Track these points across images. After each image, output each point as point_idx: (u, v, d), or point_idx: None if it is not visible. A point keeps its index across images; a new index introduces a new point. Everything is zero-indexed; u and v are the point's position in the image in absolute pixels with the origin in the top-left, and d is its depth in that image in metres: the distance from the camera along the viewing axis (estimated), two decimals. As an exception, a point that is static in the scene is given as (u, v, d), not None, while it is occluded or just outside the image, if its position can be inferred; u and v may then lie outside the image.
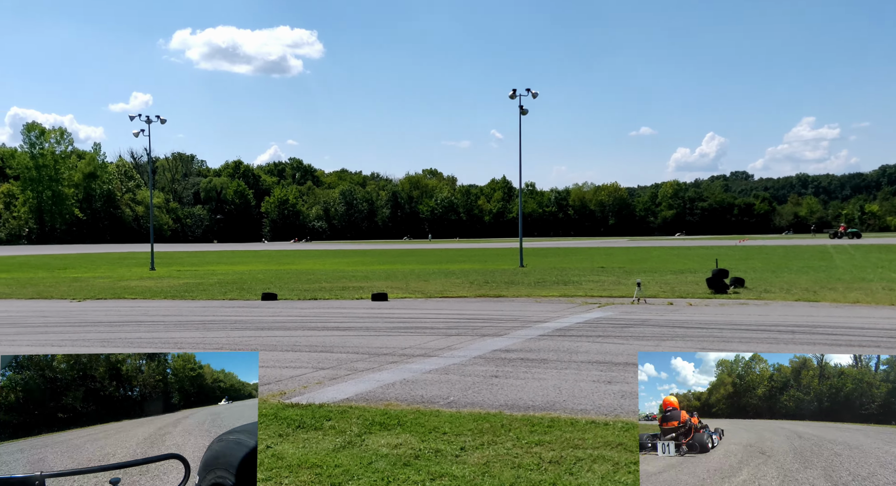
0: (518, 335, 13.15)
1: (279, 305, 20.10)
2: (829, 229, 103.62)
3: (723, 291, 21.01)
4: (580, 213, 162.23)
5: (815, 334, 12.85)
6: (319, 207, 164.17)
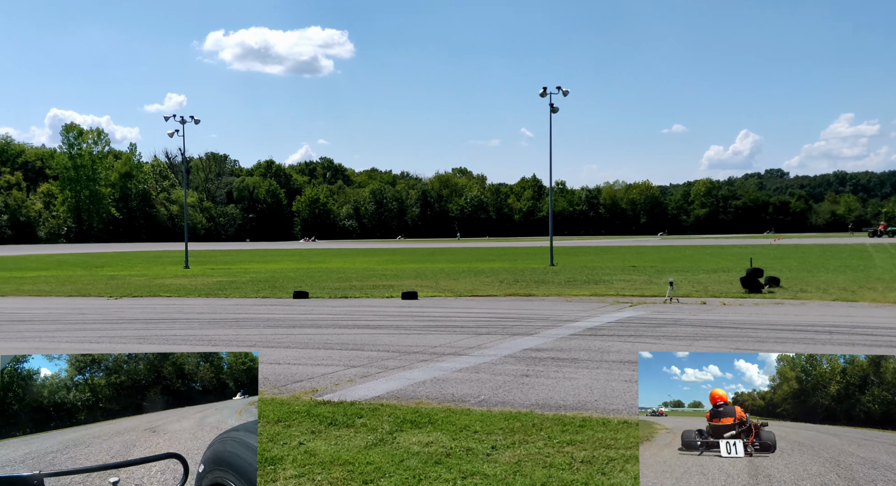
0: (548, 334, 13.09)
1: (311, 303, 20.27)
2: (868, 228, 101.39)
3: (757, 290, 20.68)
4: (611, 211, 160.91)
5: (855, 334, 12.59)
6: (350, 206, 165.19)
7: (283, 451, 5.96)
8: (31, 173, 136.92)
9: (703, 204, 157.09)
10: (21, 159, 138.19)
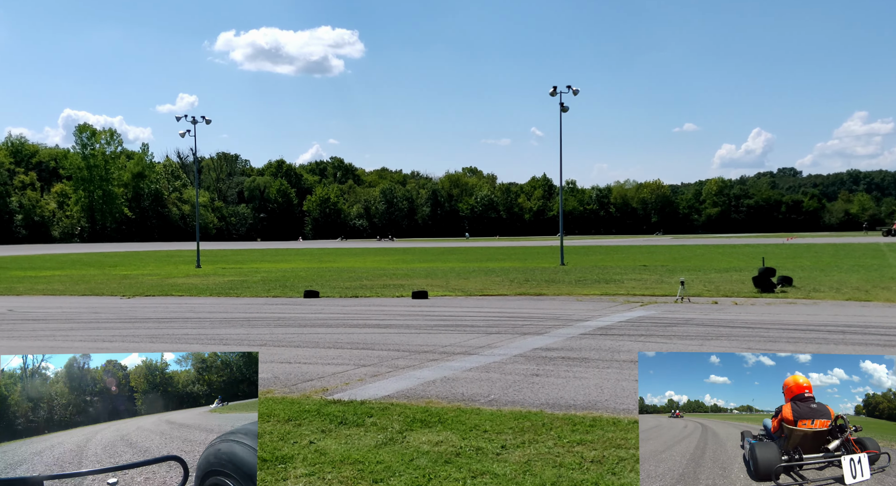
0: (559, 334, 13.07)
1: (321, 302, 20.32)
2: (882, 227, 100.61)
3: (770, 290, 20.56)
4: (622, 211, 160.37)
5: (868, 334, 12.50)
6: (360, 205, 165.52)
7: (294, 450, 5.98)
8: (44, 173, 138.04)
9: (715, 203, 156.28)
10: (35, 160, 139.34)
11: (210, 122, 46.34)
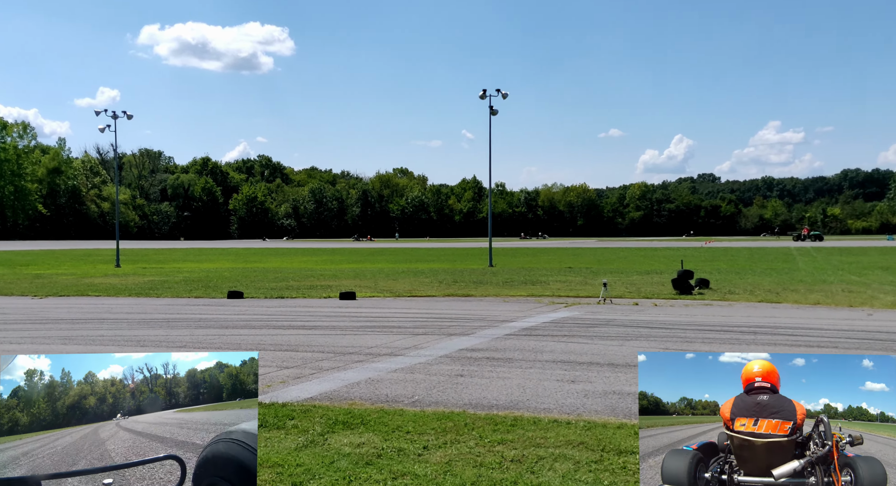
0: (485, 334, 13.20)
1: (245, 303, 19.91)
2: (792, 232, 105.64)
3: (688, 292, 21.29)
4: (549, 213, 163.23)
5: (777, 334, 13.09)
6: (288, 205, 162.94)
7: (211, 454, 5.83)
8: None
9: (638, 207, 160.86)
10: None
11: (132, 117, 44.75)
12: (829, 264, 36.72)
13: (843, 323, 14.60)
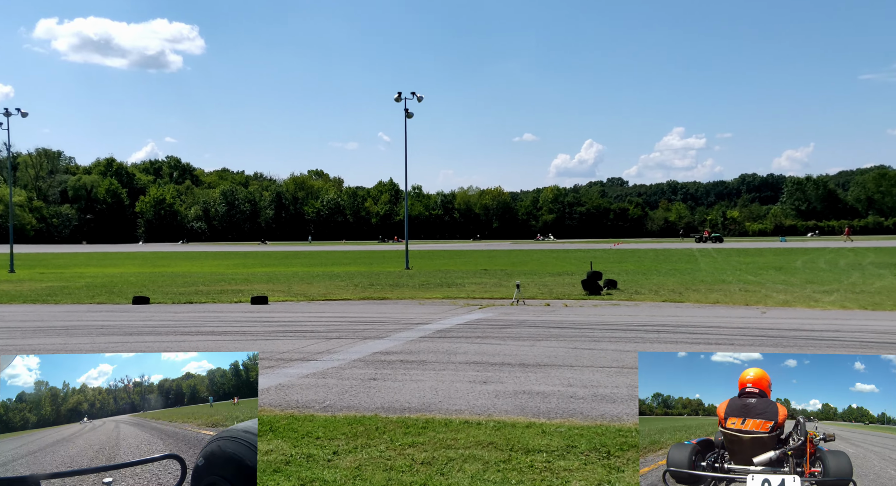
0: (399, 337, 13.20)
1: (151, 309, 19.19)
2: (695, 234, 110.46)
3: (597, 292, 21.94)
4: (465, 216, 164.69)
5: (678, 333, 13.66)
6: (199, 207, 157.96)
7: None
8: None
9: (551, 210, 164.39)
10: None
11: (27, 114, 42.37)
12: (728, 264, 38.59)
13: (739, 321, 15.39)
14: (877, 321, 15.04)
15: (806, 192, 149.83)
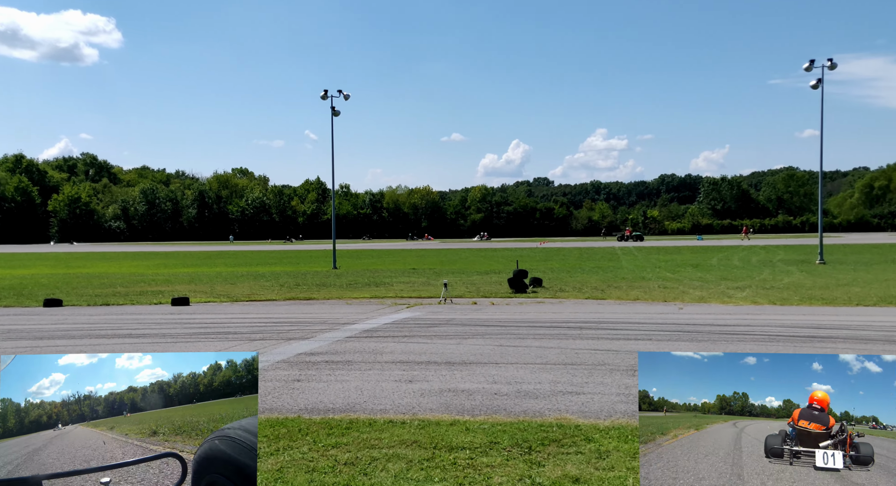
0: (325, 338, 13.08)
1: (64, 311, 18.39)
2: (617, 232, 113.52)
3: (523, 290, 22.28)
4: (394, 215, 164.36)
5: (600, 329, 14.02)
6: (117, 206, 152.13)
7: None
8: None
9: (479, 209, 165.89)
10: None
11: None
12: (648, 262, 39.83)
13: (658, 317, 15.91)
14: (784, 316, 15.82)
15: (721, 192, 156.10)
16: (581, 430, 6.67)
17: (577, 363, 10.30)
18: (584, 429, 6.70)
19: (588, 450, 6.05)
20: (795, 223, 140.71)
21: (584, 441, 6.30)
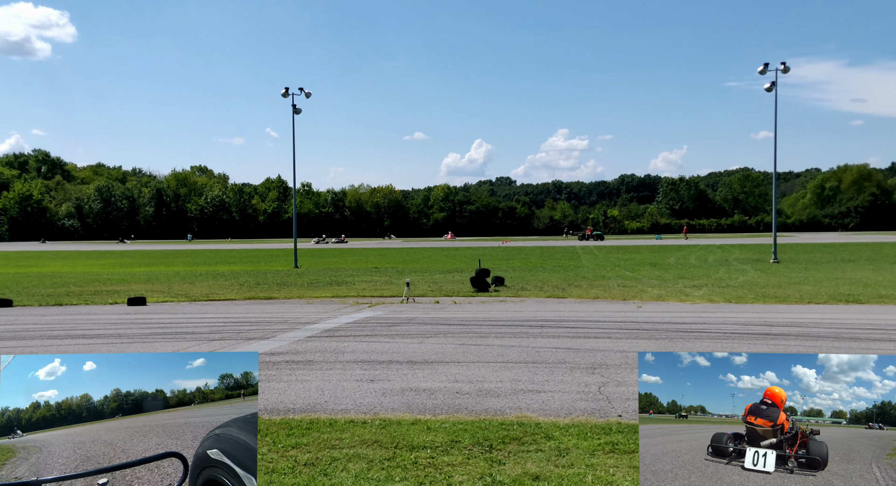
0: (285, 338, 12.96)
1: (14, 312, 17.89)
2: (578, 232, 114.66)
3: (485, 289, 22.37)
4: (357, 214, 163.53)
5: (561, 327, 14.16)
6: (71, 204, 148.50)
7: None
8: None
9: (442, 208, 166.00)
10: None
11: None
12: (608, 261, 40.32)
13: (617, 315, 16.13)
14: (739, 314, 16.16)
15: (679, 192, 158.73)
16: (541, 428, 6.73)
17: (538, 362, 10.38)
18: (544, 427, 6.76)
19: (548, 448, 6.11)
20: (751, 223, 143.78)
21: (545, 439, 6.36)
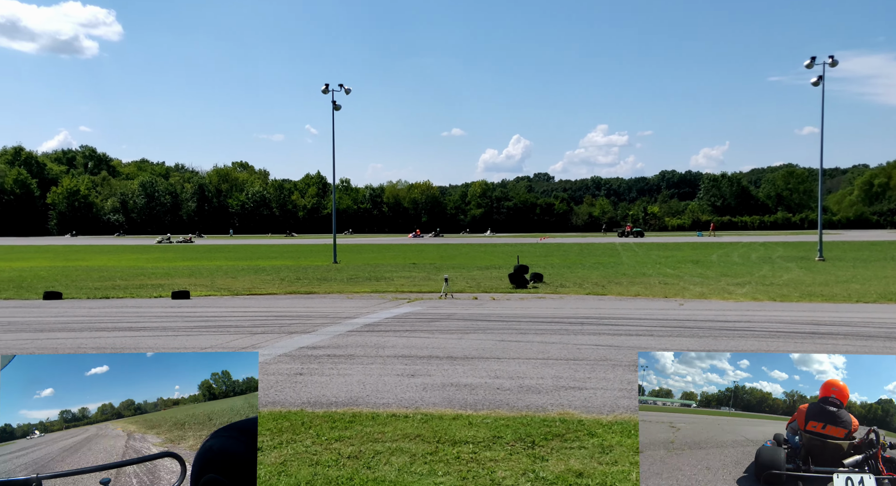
0: (326, 332, 13.07)
1: (64, 304, 18.38)
2: (617, 228, 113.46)
3: (523, 285, 22.27)
4: (394, 210, 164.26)
5: (601, 324, 14.02)
6: (116, 199, 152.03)
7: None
8: None
9: (479, 205, 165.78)
10: None
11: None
12: (648, 258, 39.81)
13: (658, 313, 15.91)
14: (784, 312, 15.81)
15: (721, 188, 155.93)
16: (584, 425, 6.67)
17: (579, 359, 10.29)
18: (586, 424, 6.70)
19: (591, 445, 6.05)
20: (795, 220, 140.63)
21: (588, 436, 6.30)
